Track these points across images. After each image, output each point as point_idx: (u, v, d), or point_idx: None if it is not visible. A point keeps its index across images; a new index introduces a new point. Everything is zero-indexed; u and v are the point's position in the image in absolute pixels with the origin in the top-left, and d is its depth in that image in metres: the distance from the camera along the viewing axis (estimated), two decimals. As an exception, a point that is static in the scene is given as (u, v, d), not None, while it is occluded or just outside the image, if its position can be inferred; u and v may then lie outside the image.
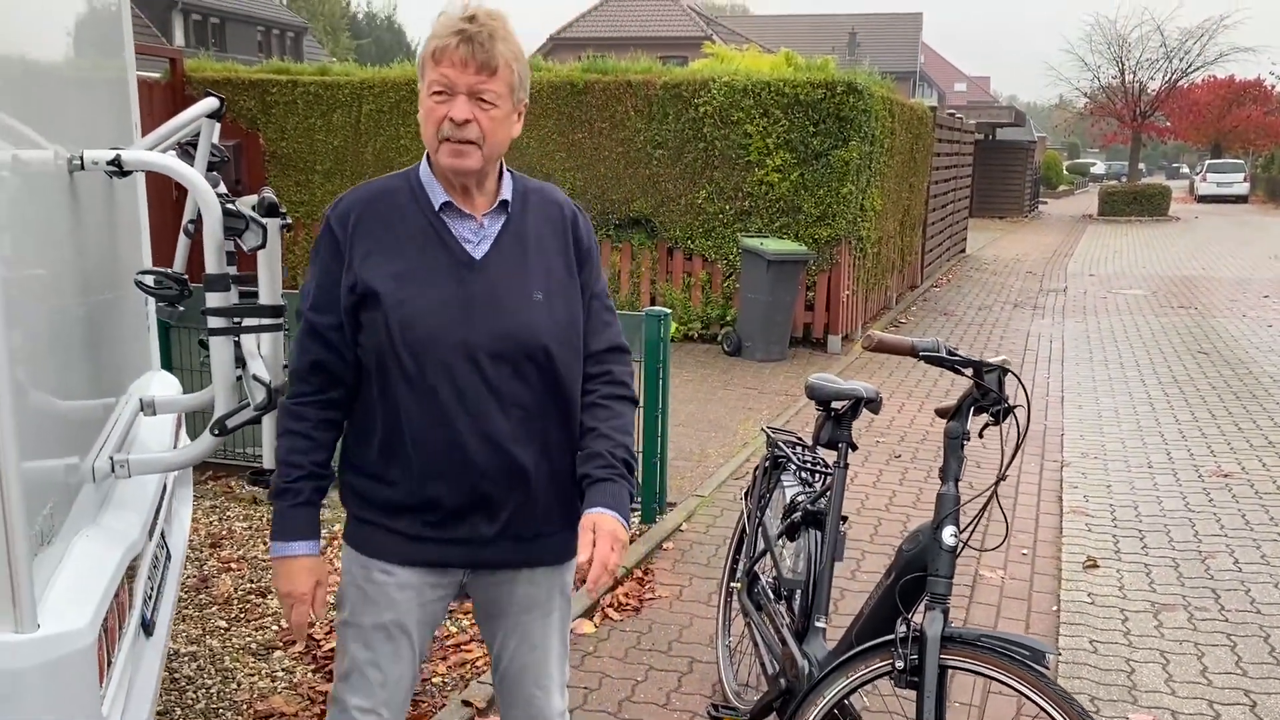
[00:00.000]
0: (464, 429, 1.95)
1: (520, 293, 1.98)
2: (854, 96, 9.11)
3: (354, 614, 2.05)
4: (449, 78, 1.88)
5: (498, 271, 1.98)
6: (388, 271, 1.93)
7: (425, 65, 1.91)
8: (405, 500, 2.00)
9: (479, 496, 1.99)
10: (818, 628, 2.70)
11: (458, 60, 1.87)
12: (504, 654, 2.17)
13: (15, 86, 1.94)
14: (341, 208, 2.00)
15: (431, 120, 1.91)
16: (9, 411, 1.70)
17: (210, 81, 10.16)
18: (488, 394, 1.95)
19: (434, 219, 1.97)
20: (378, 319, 1.93)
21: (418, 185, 2.00)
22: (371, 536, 2.04)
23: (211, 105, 2.95)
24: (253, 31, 37.22)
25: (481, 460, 1.97)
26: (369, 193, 2.01)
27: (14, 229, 1.84)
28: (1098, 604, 4.31)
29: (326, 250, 1.99)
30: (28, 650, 1.74)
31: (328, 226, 2.00)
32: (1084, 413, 7.54)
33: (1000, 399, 2.33)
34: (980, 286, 14.76)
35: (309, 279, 2.03)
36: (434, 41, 1.89)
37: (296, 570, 2.00)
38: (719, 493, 5.51)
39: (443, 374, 1.93)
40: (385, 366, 1.96)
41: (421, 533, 2.01)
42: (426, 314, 1.92)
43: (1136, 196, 31.85)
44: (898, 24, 53.83)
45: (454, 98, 1.89)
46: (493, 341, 1.95)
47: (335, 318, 1.98)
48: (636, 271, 9.97)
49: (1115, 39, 37.09)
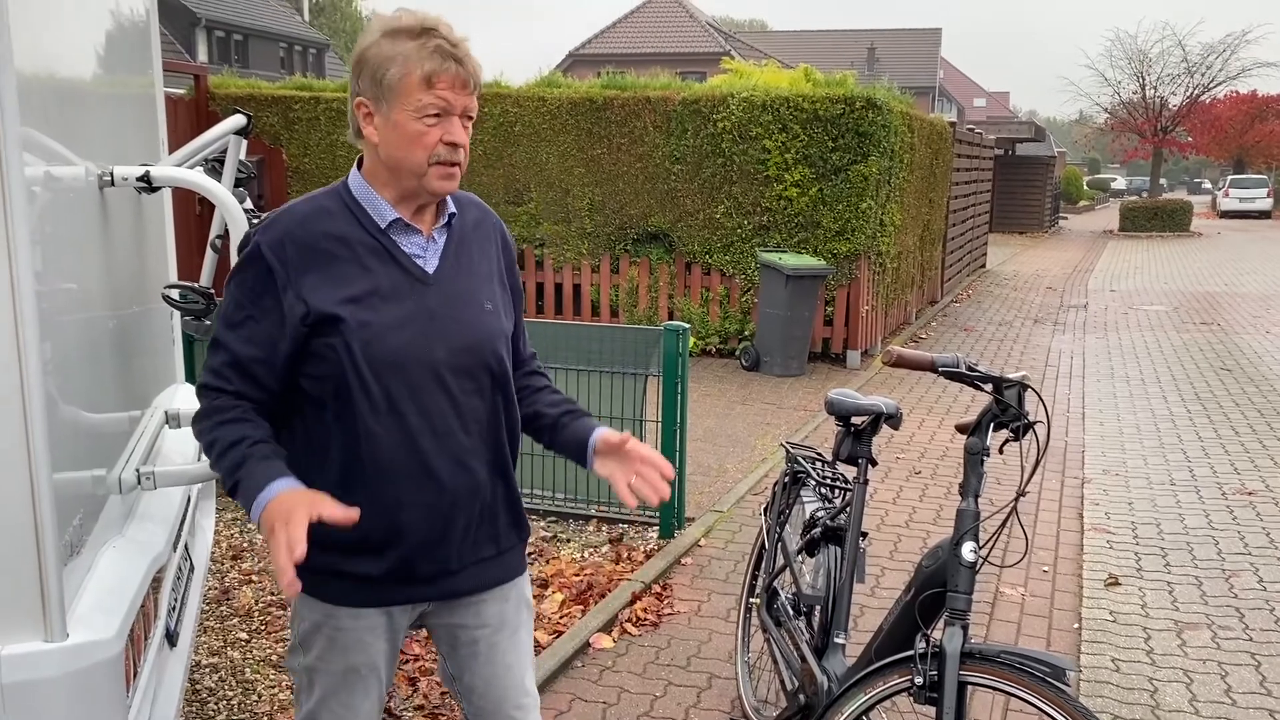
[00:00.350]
0: (431, 449, 1.91)
1: (473, 304, 1.98)
2: (873, 111, 9.12)
3: (322, 659, 1.97)
4: (448, 100, 1.83)
5: (451, 285, 1.95)
6: (342, 295, 1.85)
7: (407, 87, 1.82)
8: (369, 535, 1.89)
9: (448, 519, 1.94)
10: (837, 643, 2.69)
11: (456, 83, 1.83)
12: (476, 683, 2.10)
13: (47, 104, 1.98)
14: (273, 234, 1.87)
15: (423, 144, 1.84)
16: (41, 423, 1.73)
17: (234, 98, 10.27)
18: (451, 411, 1.92)
19: (381, 236, 1.90)
20: (336, 345, 1.84)
21: (354, 204, 1.91)
22: (331, 583, 1.93)
23: (239, 122, 2.99)
24: (275, 48, 37.58)
25: (449, 480, 1.93)
26: (301, 216, 1.89)
27: (46, 244, 1.87)
28: (1120, 622, 4.28)
29: (256, 280, 1.86)
30: (57, 659, 1.76)
31: (258, 254, 1.86)
32: (1105, 429, 7.49)
33: (1020, 415, 2.32)
34: (1000, 302, 14.71)
35: (231, 305, 1.89)
36: (422, 64, 1.81)
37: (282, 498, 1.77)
38: (738, 508, 5.50)
39: (409, 394, 1.88)
40: (346, 393, 1.87)
41: (387, 572, 1.93)
42: (390, 334, 1.87)
43: (1158, 212, 31.68)
44: (917, 39, 53.83)
45: (449, 120, 1.85)
46: (454, 356, 1.92)
47: (260, 351, 1.86)
48: (654, 286, 9.99)
49: (1136, 54, 37.03)
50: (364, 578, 1.93)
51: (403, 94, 1.83)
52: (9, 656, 1.73)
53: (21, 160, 1.68)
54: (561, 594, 4.30)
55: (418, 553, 1.95)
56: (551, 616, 4.11)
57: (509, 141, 9.96)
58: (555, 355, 5.02)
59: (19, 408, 1.71)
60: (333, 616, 1.95)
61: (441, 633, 2.10)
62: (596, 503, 5.22)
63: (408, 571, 1.95)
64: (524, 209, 10.09)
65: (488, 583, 2.06)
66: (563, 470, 5.17)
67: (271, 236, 1.87)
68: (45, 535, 1.75)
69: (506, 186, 10.04)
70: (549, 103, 9.85)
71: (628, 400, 5.01)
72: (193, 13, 32.56)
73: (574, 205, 9.97)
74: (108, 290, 2.38)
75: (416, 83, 1.82)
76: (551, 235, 10.11)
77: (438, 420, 1.92)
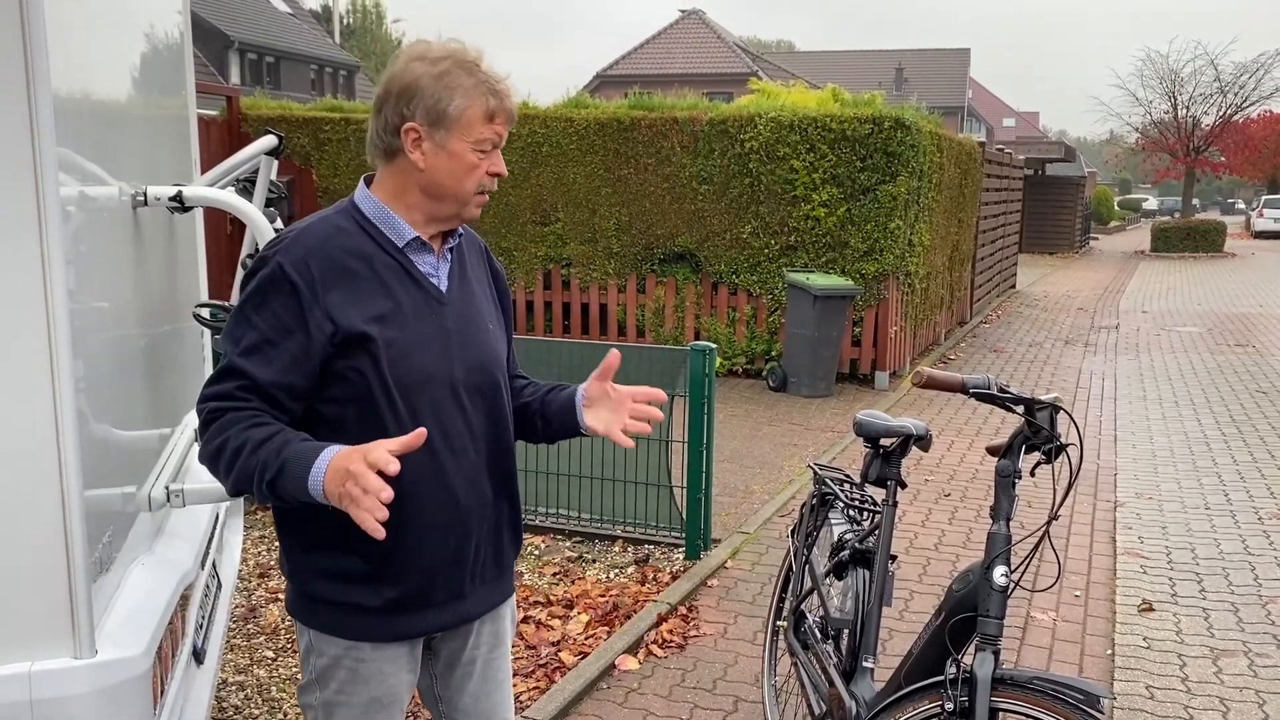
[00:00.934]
0: (449, 468, 1.92)
1: (480, 324, 2.01)
2: (902, 131, 9.10)
3: (343, 692, 1.95)
4: (501, 135, 1.91)
5: (461, 304, 1.98)
6: (369, 314, 1.84)
7: (469, 121, 1.86)
8: (390, 563, 1.88)
9: (462, 540, 1.95)
10: (865, 668, 2.66)
11: (510, 119, 1.91)
12: (464, 701, 2.11)
13: (83, 126, 2.01)
14: (294, 252, 1.83)
15: (475, 175, 1.89)
16: (73, 440, 1.74)
17: (265, 119, 10.40)
18: (466, 430, 1.94)
19: (399, 255, 1.91)
20: (363, 365, 1.83)
21: (368, 223, 1.91)
22: (351, 620, 1.92)
23: (270, 143, 3.02)
24: (306, 70, 38.06)
25: (464, 499, 1.94)
26: (322, 234, 1.87)
27: (80, 262, 1.89)
28: (1154, 648, 4.21)
29: (279, 300, 1.80)
30: (86, 676, 1.77)
31: (280, 273, 1.81)
32: (1138, 452, 7.40)
33: (1052, 437, 2.30)
34: (1031, 323, 14.59)
35: (245, 329, 1.81)
36: (485, 100, 1.85)
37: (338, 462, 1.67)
38: (764, 530, 5.47)
39: (432, 413, 1.89)
40: (373, 414, 1.85)
41: (407, 598, 1.92)
42: (415, 352, 1.88)
43: (1190, 232, 31.36)
44: (945, 60, 53.80)
45: (495, 153, 1.91)
46: (469, 375, 1.95)
47: (280, 375, 1.80)
48: (681, 306, 9.98)
49: (1167, 74, 36.69)
50: (384, 609, 1.92)
51: (465, 126, 1.86)
52: (39, 673, 1.74)
53: (57, 180, 1.71)
54: (587, 615, 4.28)
55: (436, 576, 1.95)
56: (577, 637, 4.10)
57: (536, 162, 10.01)
58: (581, 375, 4.99)
59: (51, 425, 1.73)
60: (354, 649, 1.94)
61: (442, 655, 2.10)
62: (622, 523, 5.20)
63: (426, 597, 1.95)
64: (551, 229, 10.13)
65: (494, 603, 2.09)
66: (589, 491, 5.16)
67: (294, 255, 1.82)
68: (75, 552, 1.76)
69: (534, 207, 10.08)
70: (576, 123, 9.90)
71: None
72: (226, 35, 33.05)
73: (601, 225, 10.00)
74: (140, 309, 2.41)
75: (479, 116, 1.86)
76: (578, 255, 10.13)
77: (455, 439, 1.93)
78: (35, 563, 1.74)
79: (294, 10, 41.11)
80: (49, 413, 1.72)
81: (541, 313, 10.37)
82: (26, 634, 1.74)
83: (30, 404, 1.71)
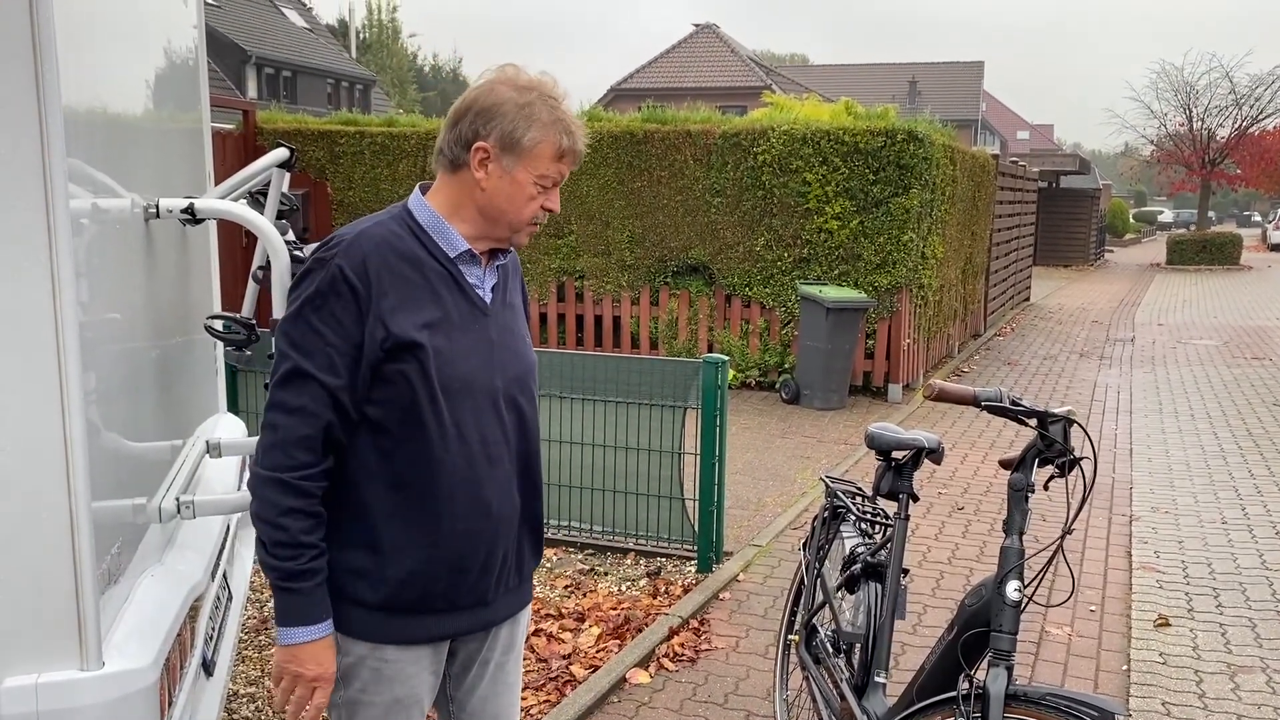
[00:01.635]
0: (485, 476, 1.95)
1: (519, 335, 2.06)
2: (914, 144, 9.09)
3: (366, 692, 1.96)
4: (563, 175, 1.96)
5: (502, 316, 2.02)
6: (420, 320, 1.87)
7: (541, 154, 1.91)
8: (420, 568, 1.91)
9: (491, 547, 1.97)
10: (878, 683, 2.64)
11: (577, 161, 1.98)
12: (474, 702, 2.13)
13: (97, 139, 2.02)
14: (353, 255, 1.84)
15: (531, 208, 1.94)
16: (81, 452, 1.74)
17: (281, 132, 10.46)
18: (501, 439, 1.98)
19: (450, 265, 1.94)
20: (409, 371, 1.85)
21: (421, 231, 1.93)
22: (377, 621, 1.94)
23: (282, 155, 3.03)
24: (323, 84, 38.30)
25: (497, 507, 1.98)
26: (378, 239, 1.88)
27: (91, 274, 1.90)
28: (1170, 664, 4.16)
29: (339, 302, 1.82)
30: (92, 687, 1.77)
31: (340, 275, 1.82)
32: (1154, 465, 7.34)
33: (1066, 450, 2.28)
34: (1045, 335, 14.52)
35: (308, 333, 1.83)
36: (562, 139, 1.92)
37: (321, 650, 1.87)
38: (777, 542, 5.44)
39: (474, 421, 1.93)
40: (416, 419, 1.87)
41: (434, 600, 1.94)
42: (461, 361, 1.91)
43: (1206, 245, 31.20)
44: (959, 73, 53.78)
45: (554, 189, 1.97)
46: (508, 385, 1.99)
47: (346, 378, 1.83)
48: (694, 318, 9.98)
49: (1182, 86, 36.54)
50: (409, 611, 1.94)
51: (534, 158, 1.91)
52: (45, 684, 1.73)
53: (67, 191, 1.71)
54: (598, 628, 4.26)
55: (464, 581, 1.97)
56: (588, 651, 4.08)
57: (550, 175, 10.02)
58: (594, 387, 5.02)
59: (60, 436, 1.73)
60: (379, 649, 1.95)
61: (460, 657, 2.11)
62: (634, 536, 5.19)
63: (452, 602, 1.97)
64: (564, 241, 10.14)
65: (514, 610, 2.12)
66: (600, 503, 5.15)
67: (353, 259, 1.83)
68: (83, 563, 1.76)
69: (547, 219, 10.09)
70: (590, 136, 9.90)
71: (666, 432, 4.99)
72: (244, 50, 33.30)
73: (614, 238, 10.01)
74: (151, 320, 2.41)
75: (549, 152, 1.92)
76: (591, 267, 10.14)
77: (493, 448, 1.96)
78: (43, 574, 1.74)
79: (311, 25, 41.40)
80: (57, 424, 1.72)
81: (555, 325, 10.38)
82: (34, 645, 1.74)
83: (38, 415, 1.72)
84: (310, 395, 1.82)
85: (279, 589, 1.84)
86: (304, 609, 1.84)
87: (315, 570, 1.85)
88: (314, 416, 1.82)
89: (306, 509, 1.83)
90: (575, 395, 5.00)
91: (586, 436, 5.06)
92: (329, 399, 1.82)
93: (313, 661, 1.86)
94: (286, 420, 1.82)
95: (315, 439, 1.82)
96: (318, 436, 1.83)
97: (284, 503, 1.81)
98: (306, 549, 1.83)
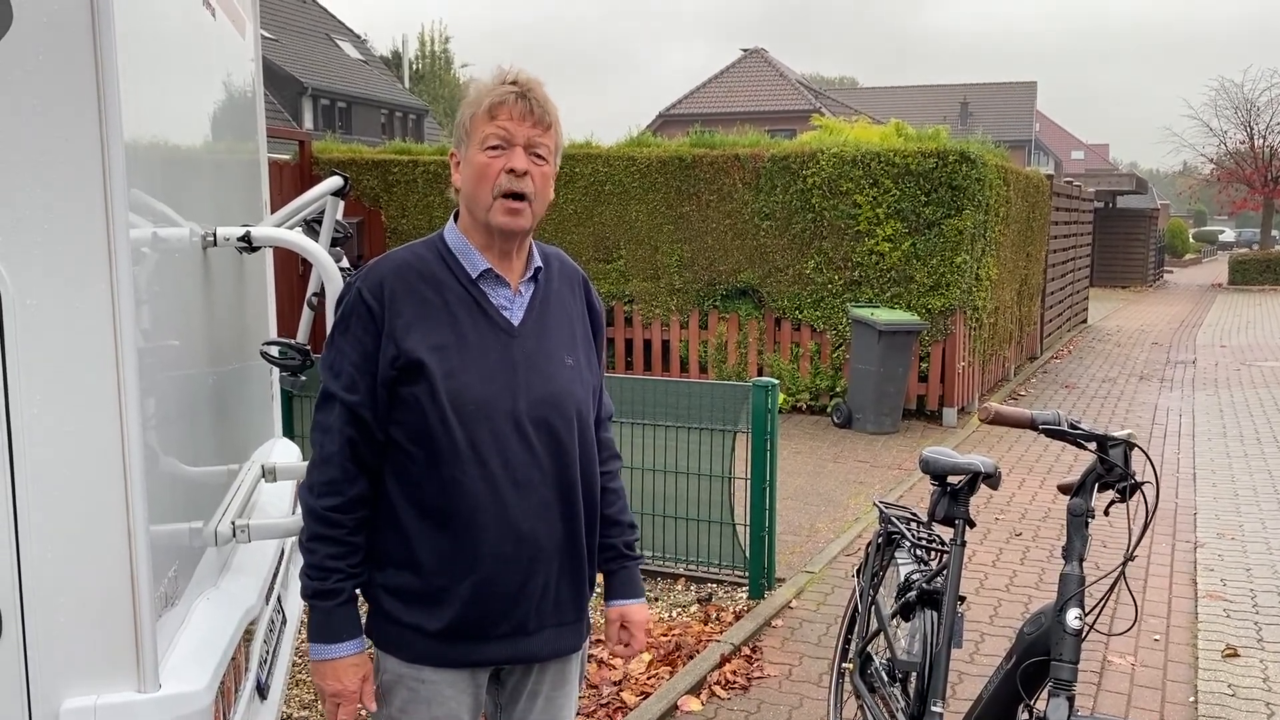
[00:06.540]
0: (511, 500, 1.91)
1: (555, 358, 2.00)
2: (967, 165, 9.01)
3: (405, 711, 1.97)
4: (508, 130, 1.89)
5: (536, 337, 1.98)
6: (431, 342, 1.88)
7: (476, 123, 1.90)
8: (447, 588, 1.91)
9: (526, 574, 1.94)
10: (934, 712, 2.58)
11: (516, 113, 1.89)
12: None
13: (157, 170, 2.07)
14: (372, 278, 1.92)
15: (487, 175, 1.89)
16: (139, 476, 1.77)
17: (336, 162, 10.64)
18: (532, 463, 1.93)
19: (471, 287, 1.94)
20: (421, 392, 1.87)
21: (448, 254, 1.96)
22: (412, 641, 1.95)
23: (336, 184, 3.08)
24: (377, 114, 38.95)
25: (529, 533, 1.93)
26: (399, 262, 1.95)
27: (150, 302, 1.94)
28: (1239, 696, 4.03)
29: (359, 324, 1.90)
30: (149, 710, 1.79)
31: (359, 298, 1.91)
32: (1218, 490, 7.15)
33: (1126, 474, 2.22)
34: (1103, 358, 14.25)
35: (335, 355, 1.92)
36: (486, 98, 1.89)
37: (344, 668, 1.92)
38: (829, 569, 5.38)
39: (493, 444, 1.90)
40: (430, 441, 1.89)
41: (464, 625, 1.93)
42: (476, 384, 1.89)
43: (1270, 264, 30.48)
44: (1011, 93, 53.28)
45: (511, 150, 1.89)
46: (533, 408, 1.94)
47: (368, 396, 1.89)
48: (744, 342, 9.94)
49: (1242, 103, 35.89)
50: (442, 634, 1.93)
51: (473, 131, 1.92)
52: (103, 706, 1.76)
53: (128, 220, 1.75)
54: (649, 654, 4.23)
55: (495, 607, 1.94)
56: (639, 677, 4.05)
57: (599, 200, 10.09)
58: (644, 411, 5.01)
59: (119, 461, 1.76)
60: (416, 670, 1.96)
61: (508, 686, 2.09)
62: (685, 561, 5.16)
63: (484, 629, 1.94)
64: (614, 266, 10.18)
65: (564, 650, 2.06)
66: (651, 528, 5.13)
67: (371, 281, 1.92)
68: (141, 586, 1.78)
69: (596, 244, 10.15)
70: (638, 162, 9.96)
71: (716, 457, 4.97)
72: (300, 82, 34.00)
73: (663, 262, 10.03)
74: (208, 347, 2.46)
75: (482, 115, 1.90)
76: (640, 292, 10.16)
77: (520, 471, 1.93)
78: (101, 597, 1.77)
79: (365, 57, 42.17)
80: (117, 448, 1.75)
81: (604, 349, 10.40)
82: (92, 667, 1.77)
83: (98, 439, 1.75)
84: (335, 414, 1.90)
85: (309, 606, 1.93)
86: (328, 626, 1.92)
87: (338, 591, 1.91)
88: (338, 434, 1.90)
89: (335, 537, 1.90)
90: (625, 419, 5.00)
91: (636, 461, 5.05)
92: (349, 415, 1.89)
93: (333, 677, 1.92)
94: (320, 439, 1.92)
95: (340, 456, 1.89)
96: (342, 454, 1.89)
97: (313, 529, 1.91)
98: (332, 572, 1.90)
